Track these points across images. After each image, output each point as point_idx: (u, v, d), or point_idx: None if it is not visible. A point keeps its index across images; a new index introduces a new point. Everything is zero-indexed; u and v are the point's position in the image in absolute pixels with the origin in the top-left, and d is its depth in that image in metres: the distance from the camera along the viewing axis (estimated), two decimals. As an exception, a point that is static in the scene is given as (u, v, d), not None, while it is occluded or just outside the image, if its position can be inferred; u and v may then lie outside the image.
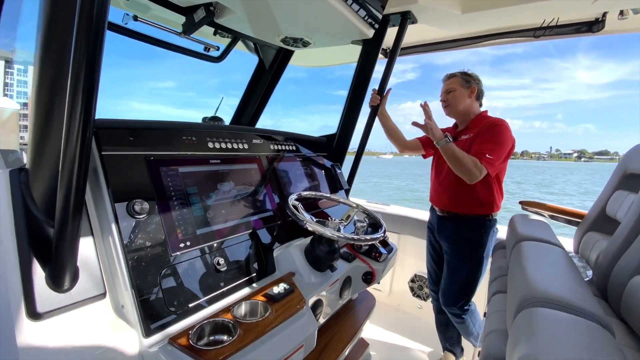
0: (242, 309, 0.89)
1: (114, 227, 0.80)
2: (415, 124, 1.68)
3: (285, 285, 0.99)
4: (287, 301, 0.94)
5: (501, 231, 1.73)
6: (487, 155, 1.49)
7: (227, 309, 0.87)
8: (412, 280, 2.44)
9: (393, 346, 2.08)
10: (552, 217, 1.56)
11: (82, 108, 0.58)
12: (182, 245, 0.91)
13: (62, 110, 0.67)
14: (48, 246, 0.71)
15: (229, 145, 1.22)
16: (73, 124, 0.59)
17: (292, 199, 1.18)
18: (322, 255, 1.14)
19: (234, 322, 0.80)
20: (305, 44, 1.81)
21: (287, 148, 1.55)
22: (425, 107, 1.65)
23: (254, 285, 1.05)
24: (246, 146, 1.30)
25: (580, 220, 1.42)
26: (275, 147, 1.47)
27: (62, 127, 0.68)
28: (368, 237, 1.05)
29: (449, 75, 1.78)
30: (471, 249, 1.60)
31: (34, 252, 0.70)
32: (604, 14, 1.67)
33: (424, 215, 2.51)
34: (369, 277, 1.35)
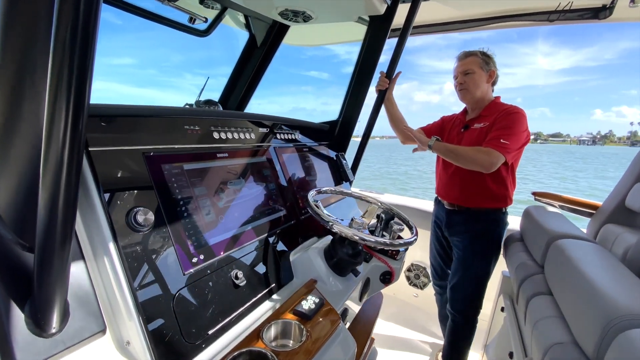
0: (272, 331, 0.76)
1: (111, 245, 0.62)
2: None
3: (314, 299, 0.86)
4: (320, 317, 0.82)
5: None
6: (501, 141, 1.40)
7: (256, 332, 0.73)
8: (409, 270, 2.42)
9: (394, 337, 2.05)
10: (561, 207, 1.56)
11: (70, 90, 0.40)
12: (195, 260, 0.75)
13: (35, 91, 0.49)
14: (25, 277, 0.53)
15: (236, 136, 1.04)
16: (58, 112, 0.41)
17: (311, 196, 1.04)
18: (345, 258, 1.03)
19: (271, 352, 0.67)
20: (307, 19, 1.61)
21: (293, 137, 1.39)
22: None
23: (275, 297, 0.92)
24: (253, 136, 1.13)
25: (592, 212, 1.42)
26: (282, 136, 1.30)
27: (37, 114, 0.49)
28: (402, 241, 0.94)
29: (467, 53, 1.57)
30: (485, 244, 1.54)
31: (5, 285, 0.52)
32: (613, 0, 1.63)
33: (419, 203, 2.47)
34: (388, 277, 1.27)
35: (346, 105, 1.76)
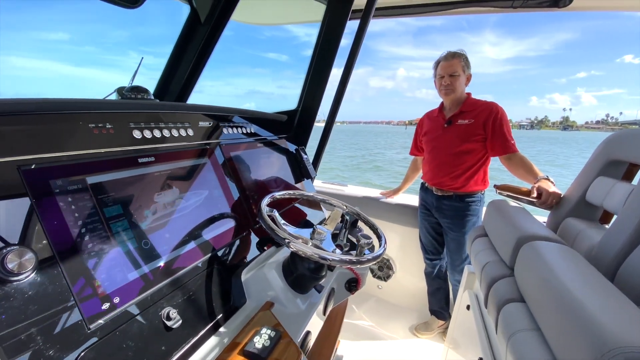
0: None
1: None
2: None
3: (269, 331, 0.72)
4: (276, 356, 0.68)
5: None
6: (512, 142, 1.62)
7: None
8: (373, 262, 2.37)
9: (360, 331, 2.00)
10: (520, 200, 1.55)
11: None
12: (105, 305, 0.57)
13: None
14: None
15: (166, 133, 0.84)
16: None
17: (264, 206, 0.88)
18: (306, 274, 0.89)
19: None
20: (258, -8, 1.40)
21: (244, 131, 1.20)
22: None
23: (221, 331, 0.76)
24: (191, 132, 0.93)
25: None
26: (229, 131, 1.11)
27: None
28: (370, 256, 0.82)
29: (453, 53, 1.65)
30: (471, 222, 1.69)
31: None
32: (573, -13, 1.61)
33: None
34: (354, 285, 1.16)
35: (306, 93, 1.59)
